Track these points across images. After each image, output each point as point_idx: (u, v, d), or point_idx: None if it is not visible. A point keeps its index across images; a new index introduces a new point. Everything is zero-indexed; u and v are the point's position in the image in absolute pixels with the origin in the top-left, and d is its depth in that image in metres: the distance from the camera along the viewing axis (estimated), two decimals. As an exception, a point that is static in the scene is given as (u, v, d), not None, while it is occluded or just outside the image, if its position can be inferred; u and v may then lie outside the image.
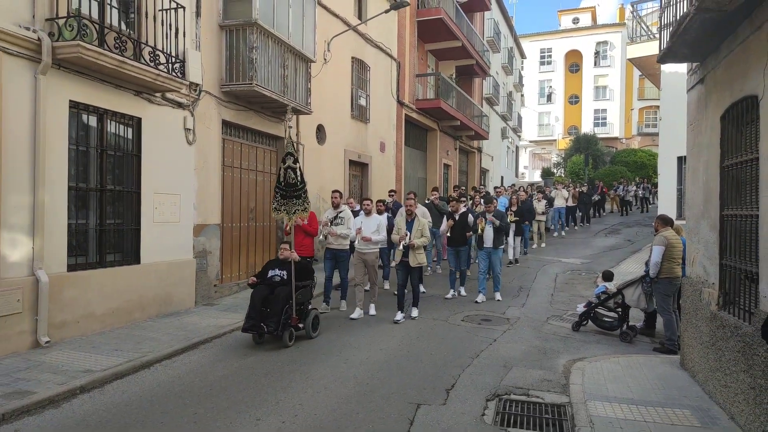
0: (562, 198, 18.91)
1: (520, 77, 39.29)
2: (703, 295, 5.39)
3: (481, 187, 23.11)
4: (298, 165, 6.94)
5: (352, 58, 14.32)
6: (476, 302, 9.23)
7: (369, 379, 5.40)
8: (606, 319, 7.77)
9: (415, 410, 4.64)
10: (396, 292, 9.05)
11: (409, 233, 7.98)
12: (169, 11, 7.49)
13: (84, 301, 6.59)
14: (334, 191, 8.89)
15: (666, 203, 11.21)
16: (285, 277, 6.81)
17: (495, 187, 22.57)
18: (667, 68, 10.92)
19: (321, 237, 8.64)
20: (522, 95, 41.90)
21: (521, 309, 8.99)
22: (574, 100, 48.67)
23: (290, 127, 7.27)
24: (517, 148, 40.44)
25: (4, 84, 5.63)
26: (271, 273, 6.96)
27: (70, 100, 6.42)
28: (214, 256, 9.10)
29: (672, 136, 10.93)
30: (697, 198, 5.76)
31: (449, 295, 9.63)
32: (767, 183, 3.97)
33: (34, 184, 5.97)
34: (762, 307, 3.99)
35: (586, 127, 45.51)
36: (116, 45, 6.53)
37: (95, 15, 6.45)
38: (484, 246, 9.48)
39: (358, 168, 15.17)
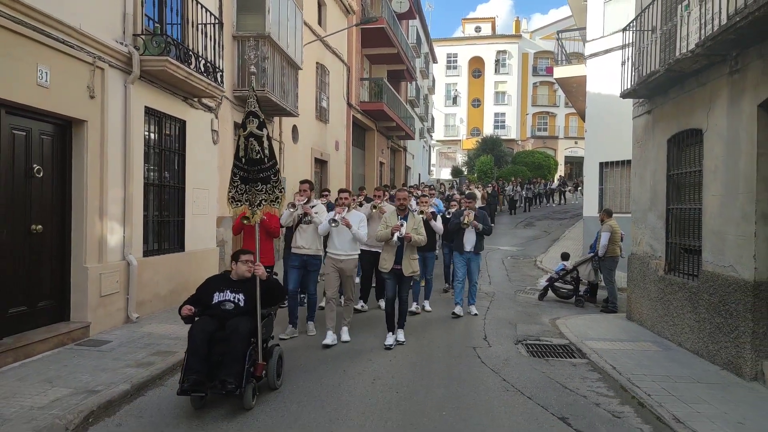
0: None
1: (433, 81, 42.09)
2: (651, 265, 7.60)
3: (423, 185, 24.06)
4: (265, 132, 4.70)
5: (317, 63, 15.56)
6: (454, 314, 8.11)
7: (423, 337, 6.98)
8: (563, 290, 9.94)
9: (474, 350, 6.33)
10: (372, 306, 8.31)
11: (404, 223, 6.53)
12: (208, 25, 8.44)
13: (154, 282, 7.47)
14: (302, 182, 7.00)
15: (590, 200, 13.81)
16: (242, 303, 4.68)
17: (402, 184, 24.41)
18: (592, 89, 13.43)
19: (294, 212, 6.64)
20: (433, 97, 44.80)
21: (491, 286, 10.96)
22: (476, 103, 52.56)
23: (253, 73, 5.02)
24: (430, 147, 43.26)
25: (108, 93, 6.43)
26: (218, 297, 4.71)
27: (145, 106, 7.26)
28: (229, 246, 10.07)
29: (595, 145, 13.50)
30: (644, 196, 7.98)
31: (413, 308, 8.21)
32: (708, 187, 6.12)
33: (125, 179, 6.80)
34: (704, 268, 6.15)
35: (488, 129, 49.49)
36: (185, 59, 7.46)
37: (155, 26, 7.35)
38: (465, 251, 8.22)
39: (319, 165, 16.44)
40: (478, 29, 54.61)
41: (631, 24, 7.76)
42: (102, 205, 6.39)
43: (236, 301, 4.70)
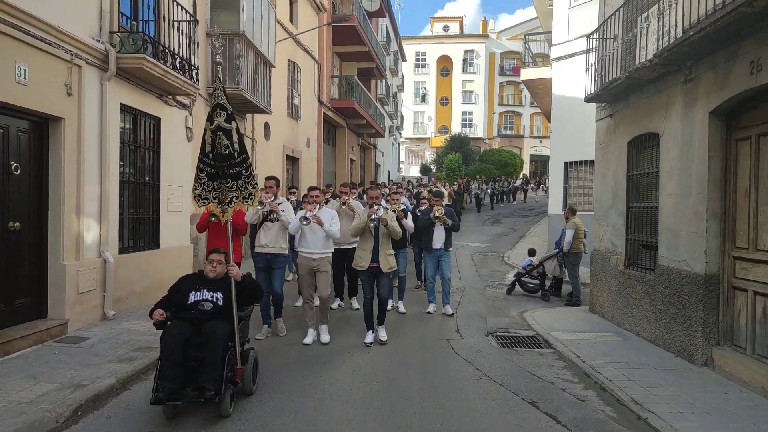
0: None
1: (402, 79, 42.43)
2: (612, 261, 8.03)
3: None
4: (234, 125, 4.48)
5: (288, 60, 15.62)
6: (428, 313, 8.23)
7: (399, 331, 7.22)
8: (530, 285, 10.34)
9: (447, 342, 6.62)
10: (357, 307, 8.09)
11: (380, 208, 6.38)
12: (182, 23, 8.46)
13: (130, 280, 7.49)
14: (268, 178, 6.69)
15: (555, 198, 14.32)
16: (221, 302, 4.49)
17: (371, 182, 24.71)
18: (557, 91, 13.92)
19: (262, 209, 6.35)
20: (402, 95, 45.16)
21: (461, 281, 11.30)
22: (444, 101, 53.21)
23: (219, 63, 4.89)
24: (399, 144, 43.61)
25: (85, 90, 6.44)
26: (194, 297, 4.50)
27: (121, 103, 7.26)
28: (202, 242, 10.09)
29: (560, 145, 14.00)
30: (605, 195, 8.41)
31: (389, 307, 7.80)
32: (664, 187, 6.55)
33: (101, 177, 6.81)
34: (660, 263, 6.58)
35: (455, 127, 50.20)
36: (161, 56, 7.49)
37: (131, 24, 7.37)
38: (434, 248, 8.20)
39: (291, 162, 16.51)
40: (446, 28, 55.27)
41: (595, 32, 8.15)
42: (79, 202, 6.40)
43: (214, 300, 4.48)
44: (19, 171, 5.72)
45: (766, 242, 5.14)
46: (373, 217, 6.23)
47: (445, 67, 52.60)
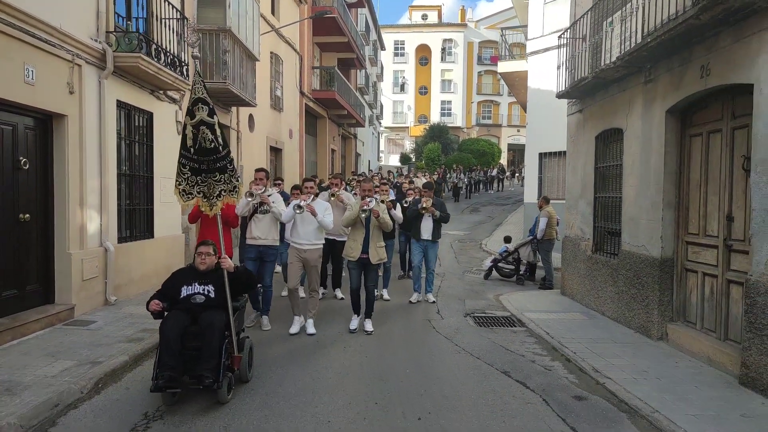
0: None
1: (382, 68, 42.71)
2: (581, 247, 8.67)
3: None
4: (216, 119, 4.48)
5: (271, 53, 15.91)
6: (410, 302, 8.44)
7: (383, 313, 7.75)
8: (505, 270, 10.97)
9: (429, 322, 7.18)
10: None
11: (373, 200, 6.46)
12: (172, 20, 8.77)
13: (128, 268, 7.87)
14: (258, 170, 6.77)
15: (530, 188, 14.97)
16: (213, 294, 4.60)
17: (352, 172, 25.12)
18: (533, 84, 14.50)
19: (252, 201, 6.43)
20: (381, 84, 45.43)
21: (441, 267, 11.86)
22: (423, 90, 53.59)
23: (196, 57, 4.86)
24: (379, 134, 44.00)
25: (85, 88, 6.77)
26: (186, 291, 4.60)
27: (117, 100, 7.59)
28: (193, 232, 10.46)
29: (535, 137, 14.61)
30: (576, 186, 9.03)
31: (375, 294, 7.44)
32: (627, 178, 7.16)
33: (101, 170, 7.16)
34: (623, 248, 7.22)
35: (434, 116, 50.69)
36: (155, 54, 7.82)
37: (126, 24, 7.70)
38: (422, 238, 8.49)
39: (274, 153, 16.86)
40: (424, 17, 55.51)
41: (566, 32, 8.70)
42: (82, 194, 6.75)
43: (206, 293, 4.58)
44: (27, 166, 6.06)
45: (714, 228, 5.77)
46: (365, 208, 6.33)
47: (423, 56, 52.91)
